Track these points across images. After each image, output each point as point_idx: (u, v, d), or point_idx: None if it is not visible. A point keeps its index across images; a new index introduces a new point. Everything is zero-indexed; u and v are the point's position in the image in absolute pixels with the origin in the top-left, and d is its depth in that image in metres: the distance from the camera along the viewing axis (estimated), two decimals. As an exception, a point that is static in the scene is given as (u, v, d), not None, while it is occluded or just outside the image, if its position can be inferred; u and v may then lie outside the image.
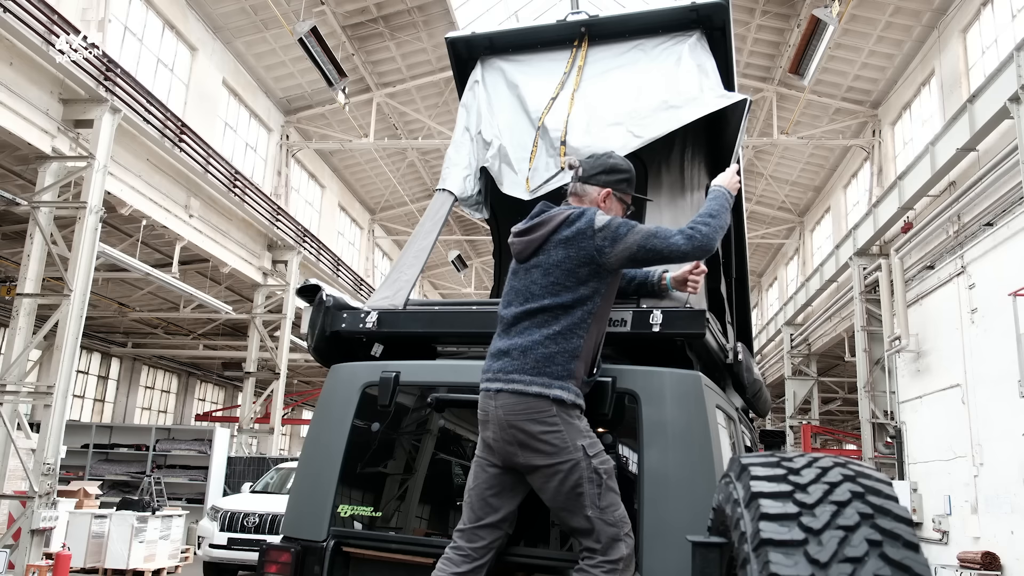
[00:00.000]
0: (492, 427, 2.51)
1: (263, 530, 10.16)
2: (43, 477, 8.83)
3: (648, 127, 3.35)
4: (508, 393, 2.48)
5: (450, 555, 2.50)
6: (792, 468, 1.77)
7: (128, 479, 15.40)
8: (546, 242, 2.58)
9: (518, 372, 2.48)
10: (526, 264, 2.63)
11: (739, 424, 3.65)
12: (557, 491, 2.42)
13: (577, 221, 2.57)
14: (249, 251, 15.41)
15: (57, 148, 9.73)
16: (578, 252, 2.53)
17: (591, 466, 2.41)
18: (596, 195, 2.73)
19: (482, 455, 2.58)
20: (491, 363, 2.59)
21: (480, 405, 2.57)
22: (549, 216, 2.63)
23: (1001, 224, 10.55)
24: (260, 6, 17.27)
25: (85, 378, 20.83)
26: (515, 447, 2.46)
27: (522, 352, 2.50)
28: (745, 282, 4.77)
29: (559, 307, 2.52)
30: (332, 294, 3.26)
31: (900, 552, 1.52)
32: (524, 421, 2.44)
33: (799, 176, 24.54)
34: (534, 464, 2.45)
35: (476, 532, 2.50)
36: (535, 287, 2.56)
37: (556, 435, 2.42)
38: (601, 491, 2.40)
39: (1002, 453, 10.26)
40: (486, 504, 2.52)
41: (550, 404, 2.44)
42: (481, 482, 2.54)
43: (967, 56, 15.48)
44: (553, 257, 2.55)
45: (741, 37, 18.84)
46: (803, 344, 20.32)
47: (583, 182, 2.74)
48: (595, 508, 2.38)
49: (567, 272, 2.53)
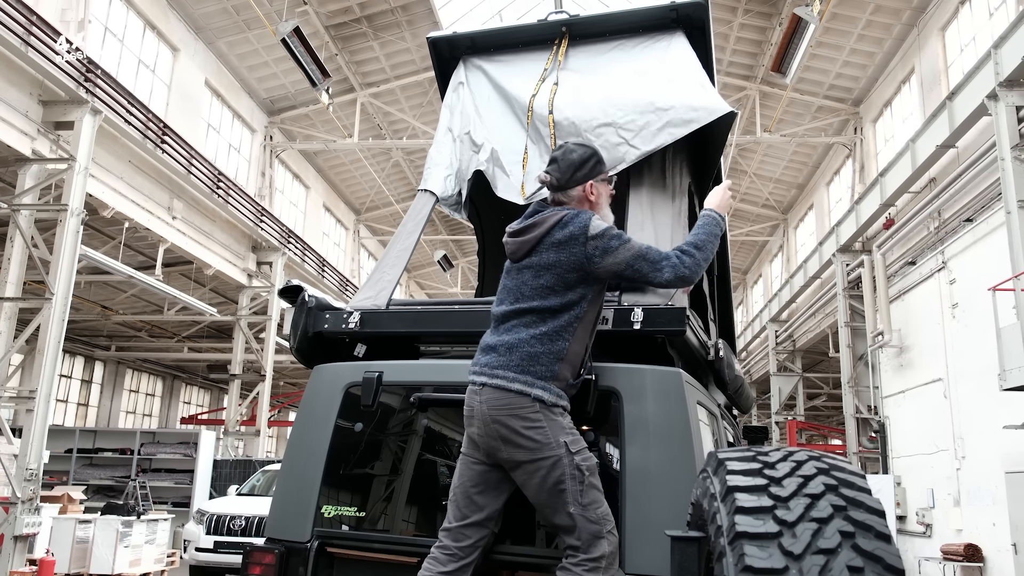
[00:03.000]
0: (477, 422, 2.52)
1: (249, 533, 10.11)
2: (26, 483, 8.75)
3: (643, 136, 3.34)
4: (492, 388, 2.50)
5: (436, 554, 2.51)
6: (767, 462, 1.80)
7: (113, 483, 15.26)
8: (539, 244, 2.59)
9: (503, 368, 2.50)
10: (519, 264, 2.64)
11: (721, 420, 3.67)
12: (540, 487, 2.44)
13: (570, 224, 2.56)
14: (233, 253, 15.33)
15: (37, 150, 9.64)
16: (569, 257, 2.54)
17: (573, 463, 2.42)
18: (581, 192, 2.72)
19: (467, 452, 2.58)
20: (478, 357, 2.61)
21: (466, 400, 2.58)
22: (543, 217, 2.63)
23: (980, 220, 10.68)
24: (242, 6, 17.18)
25: (68, 382, 20.64)
26: (498, 442, 2.48)
27: (508, 349, 2.53)
28: (727, 279, 4.81)
29: (547, 310, 2.54)
30: (314, 294, 3.26)
31: (872, 543, 1.54)
32: (507, 416, 2.46)
33: (782, 173, 24.71)
34: (517, 460, 2.46)
35: (462, 531, 2.51)
36: (525, 288, 2.59)
37: (538, 431, 2.44)
38: (583, 488, 2.41)
39: (984, 446, 10.39)
40: (472, 502, 2.53)
41: (532, 402, 2.46)
42: (466, 479, 2.55)
43: (946, 54, 15.65)
44: (544, 259, 2.57)
45: (724, 36, 18.95)
46: (788, 340, 20.48)
47: (563, 190, 2.71)
48: (577, 505, 2.40)
49: (557, 276, 2.55)
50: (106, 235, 12.97)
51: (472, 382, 2.57)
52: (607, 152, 3.36)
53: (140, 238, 13.12)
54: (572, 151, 2.75)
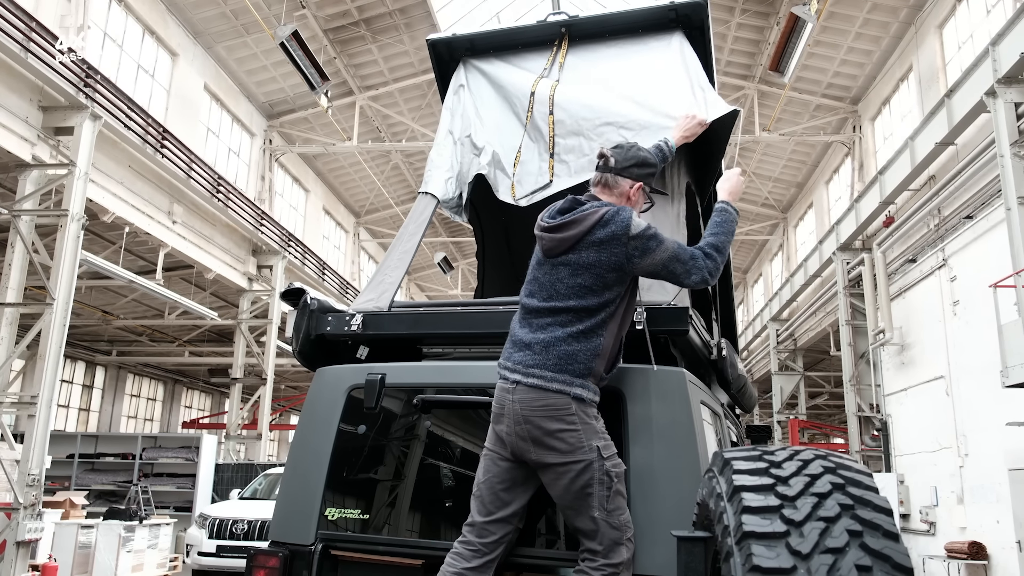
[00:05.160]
0: (507, 420, 2.48)
1: (252, 537, 10.11)
2: (28, 488, 8.74)
3: (645, 136, 3.31)
4: (527, 387, 2.46)
5: (460, 550, 2.48)
6: (773, 461, 1.79)
7: (115, 488, 15.25)
8: (579, 242, 2.53)
9: (539, 367, 2.46)
10: (553, 260, 2.58)
11: (724, 420, 3.67)
12: (567, 489, 2.41)
13: (611, 223, 2.52)
14: (234, 256, 15.32)
15: (37, 156, 9.64)
16: (610, 257, 2.50)
17: (603, 468, 2.40)
18: (628, 188, 2.68)
19: (493, 448, 2.54)
20: (511, 352, 2.55)
21: (496, 397, 2.54)
22: (583, 214, 2.56)
23: (981, 217, 10.68)
24: (241, 11, 17.18)
25: (69, 387, 20.62)
26: (528, 443, 2.44)
27: (544, 347, 2.48)
28: (729, 278, 4.80)
29: (583, 309, 2.50)
30: (316, 297, 3.26)
31: (880, 542, 1.54)
32: (542, 418, 2.43)
33: (781, 172, 24.71)
34: (546, 462, 2.43)
35: (487, 527, 2.48)
36: (561, 285, 2.53)
37: (573, 434, 2.42)
38: (610, 494, 2.40)
39: (986, 443, 10.38)
40: (497, 498, 2.49)
41: (570, 402, 2.43)
42: (492, 475, 2.51)
43: (944, 51, 15.65)
44: (585, 259, 2.51)
45: (721, 35, 18.95)
46: (789, 339, 20.46)
47: (616, 174, 2.68)
48: (602, 510, 2.38)
49: (596, 276, 2.51)
50: (106, 240, 12.96)
51: (504, 378, 2.52)
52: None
53: (140, 243, 13.11)
54: (642, 149, 2.76)
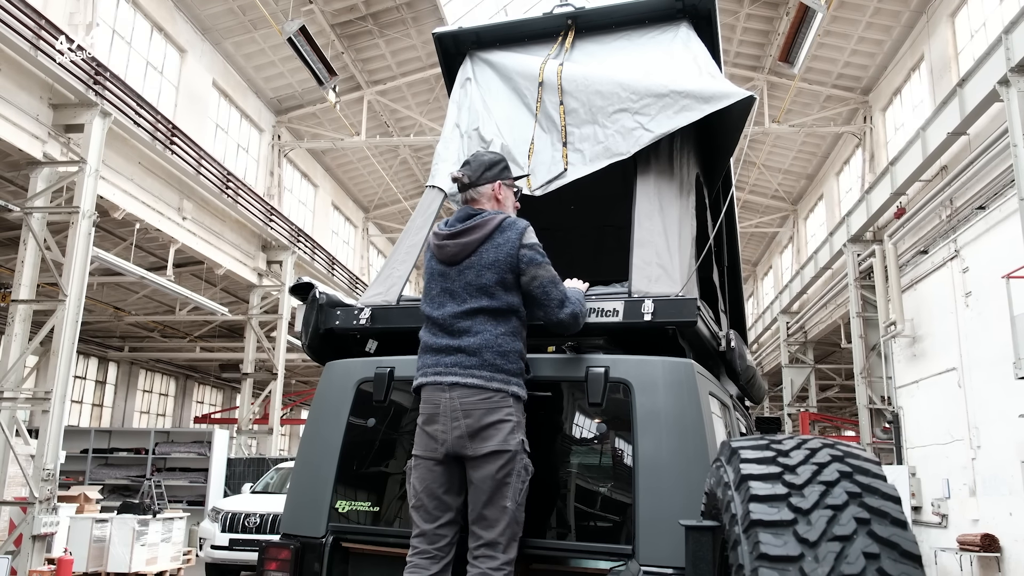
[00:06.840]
0: (442, 419, 2.57)
1: (264, 530, 10.18)
2: (43, 483, 8.83)
3: (659, 120, 3.29)
4: (466, 387, 2.56)
5: (417, 561, 2.54)
6: (781, 450, 1.79)
7: (128, 483, 15.39)
8: (481, 245, 2.67)
9: (476, 368, 2.57)
10: (459, 266, 2.69)
11: (733, 411, 3.67)
12: (491, 477, 2.50)
13: (509, 229, 2.67)
14: (243, 252, 15.39)
15: (48, 153, 9.70)
16: (506, 258, 2.63)
17: (523, 462, 2.54)
18: (490, 191, 2.83)
19: (424, 454, 2.61)
20: (440, 358, 2.63)
21: (427, 398, 2.61)
22: (484, 219, 2.70)
23: (993, 207, 10.58)
24: (248, 6, 17.22)
25: (82, 383, 20.80)
26: (465, 438, 2.54)
27: (477, 349, 2.59)
28: (737, 270, 4.79)
29: (498, 310, 2.63)
30: (325, 291, 3.27)
31: (888, 529, 1.54)
32: (482, 412, 2.54)
33: (791, 164, 24.58)
34: (481, 452, 2.52)
35: (437, 532, 2.57)
36: (471, 288, 2.65)
37: (508, 425, 2.53)
38: (523, 487, 2.53)
39: (999, 435, 10.31)
40: (440, 502, 2.58)
41: (509, 398, 2.56)
42: (430, 482, 2.59)
43: (956, 40, 15.51)
44: (486, 258, 2.64)
45: (730, 26, 18.85)
46: (799, 332, 20.38)
47: (475, 187, 2.82)
48: (514, 502, 2.50)
49: (498, 274, 2.63)
50: (117, 237, 13.05)
51: (437, 383, 2.60)
52: (622, 137, 3.36)
53: (151, 239, 13.19)
54: (483, 155, 2.93)
